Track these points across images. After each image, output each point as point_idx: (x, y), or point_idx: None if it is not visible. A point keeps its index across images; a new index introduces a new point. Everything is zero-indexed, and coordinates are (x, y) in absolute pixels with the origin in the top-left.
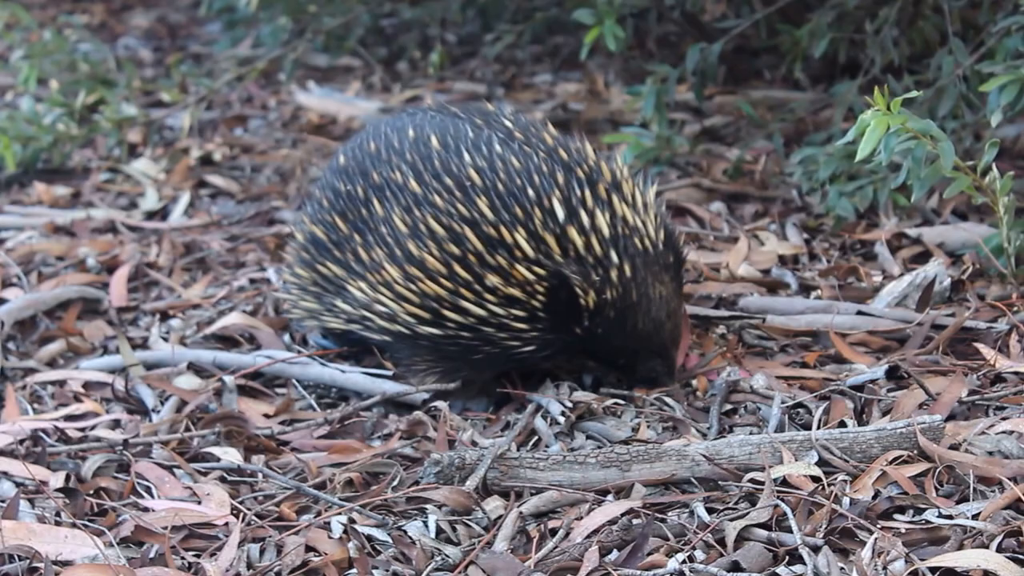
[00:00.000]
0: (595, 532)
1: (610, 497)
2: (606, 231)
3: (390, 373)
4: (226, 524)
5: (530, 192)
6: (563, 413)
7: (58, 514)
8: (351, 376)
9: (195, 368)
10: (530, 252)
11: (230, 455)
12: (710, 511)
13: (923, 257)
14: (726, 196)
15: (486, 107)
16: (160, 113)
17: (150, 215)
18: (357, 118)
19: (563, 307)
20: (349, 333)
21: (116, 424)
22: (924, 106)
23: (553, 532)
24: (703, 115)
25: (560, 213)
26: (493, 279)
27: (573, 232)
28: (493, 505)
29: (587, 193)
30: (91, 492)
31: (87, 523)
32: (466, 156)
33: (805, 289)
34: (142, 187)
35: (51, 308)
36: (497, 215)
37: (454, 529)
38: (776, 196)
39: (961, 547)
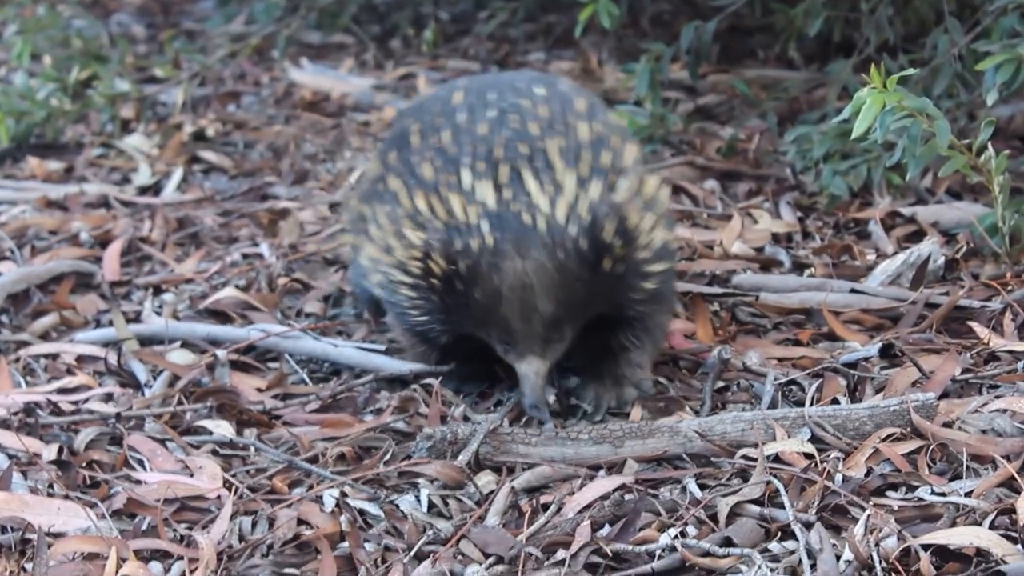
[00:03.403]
0: (587, 507)
1: (602, 473)
2: (492, 204)
3: (383, 348)
4: (218, 497)
5: (461, 160)
6: (556, 393)
7: (51, 486)
8: (344, 350)
9: (188, 343)
10: (425, 217)
11: (222, 428)
12: (702, 487)
13: (917, 236)
14: (720, 174)
15: (548, 75)
16: (153, 89)
17: (143, 190)
18: (350, 95)
19: (430, 274)
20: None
21: (109, 397)
22: (919, 85)
23: (545, 507)
24: (697, 93)
25: (466, 183)
26: (394, 243)
27: (454, 200)
28: (485, 480)
29: (507, 169)
30: (84, 464)
31: (80, 495)
32: (459, 116)
33: (798, 267)
34: (135, 162)
35: (44, 282)
36: (433, 178)
37: (446, 503)
38: (770, 174)
39: (954, 524)
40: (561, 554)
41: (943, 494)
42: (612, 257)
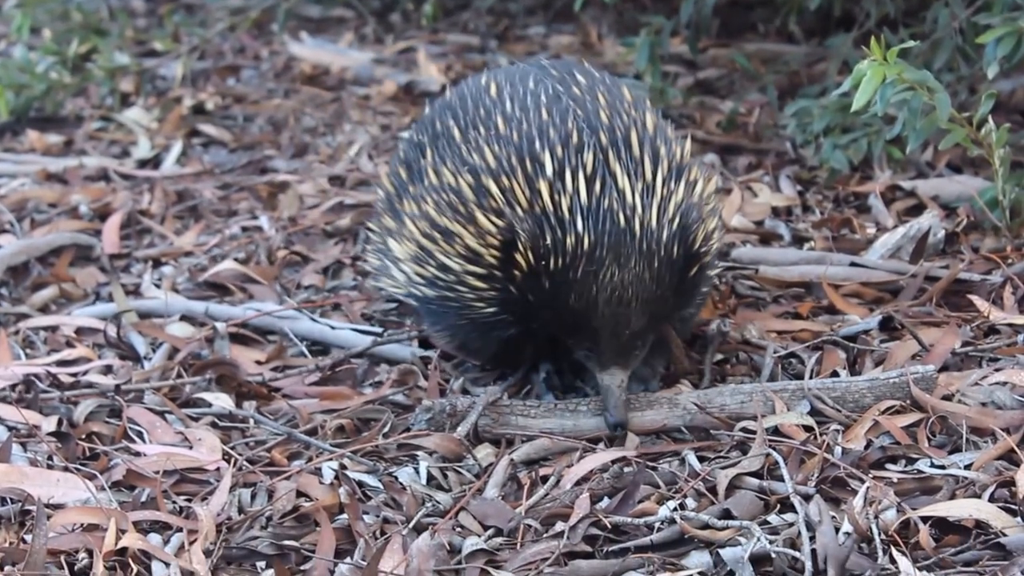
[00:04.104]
0: (586, 480)
1: (601, 445)
2: (584, 197)
3: (380, 331)
4: (217, 469)
5: (536, 145)
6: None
7: (50, 458)
8: (340, 332)
9: (187, 316)
10: (498, 202)
11: (221, 401)
12: (701, 460)
13: (917, 210)
14: (720, 148)
15: (582, 64)
16: (153, 62)
17: (142, 163)
18: (350, 69)
19: (510, 264)
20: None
21: (108, 370)
22: (919, 59)
23: (544, 479)
24: (697, 67)
25: (548, 168)
26: (461, 230)
27: (544, 187)
28: (484, 452)
29: (591, 158)
30: (83, 436)
31: (79, 467)
32: (507, 104)
33: (798, 240)
34: (135, 135)
35: (44, 254)
36: (498, 164)
37: (445, 476)
38: (770, 148)
39: (953, 497)
40: (560, 526)
41: (942, 467)
42: (700, 265)
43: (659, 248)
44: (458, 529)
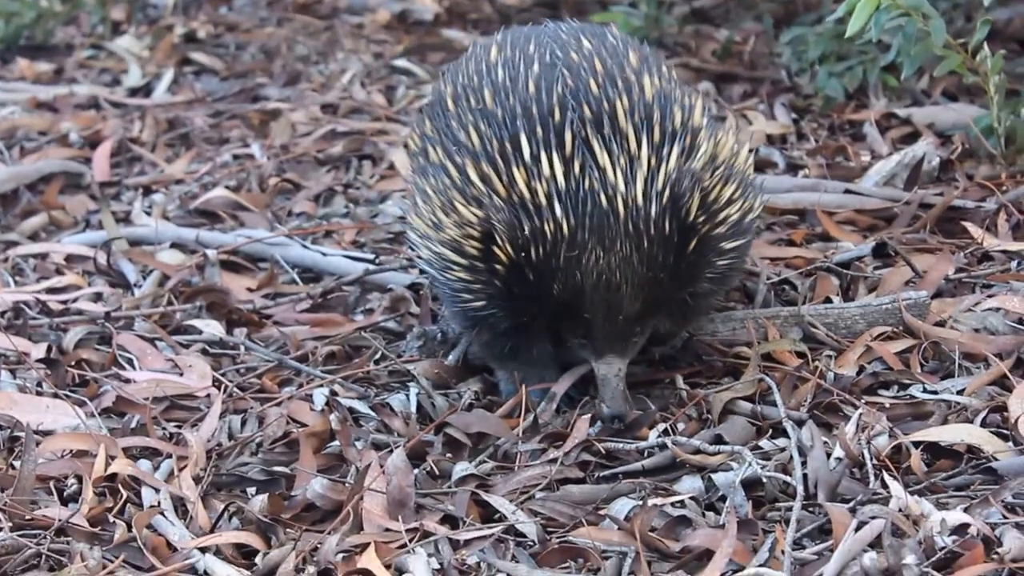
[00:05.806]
0: (580, 404)
1: None
2: (561, 180)
3: (372, 257)
4: (208, 396)
5: (517, 124)
6: None
7: (40, 384)
8: (332, 259)
9: (177, 243)
10: (479, 191)
11: (212, 327)
12: (694, 386)
13: (912, 137)
14: (715, 76)
15: (600, 27)
16: None
17: (133, 91)
18: None
19: (492, 257)
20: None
21: (98, 297)
22: None
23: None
24: None
25: (526, 152)
26: (444, 218)
27: (519, 175)
28: (474, 380)
29: (570, 136)
30: (73, 363)
31: (69, 393)
32: (498, 72)
33: (793, 168)
34: (125, 64)
35: (33, 182)
36: (482, 147)
37: (433, 405)
38: (765, 76)
39: (945, 422)
40: (553, 453)
41: (935, 392)
42: (698, 238)
43: (647, 227)
44: (448, 455)
